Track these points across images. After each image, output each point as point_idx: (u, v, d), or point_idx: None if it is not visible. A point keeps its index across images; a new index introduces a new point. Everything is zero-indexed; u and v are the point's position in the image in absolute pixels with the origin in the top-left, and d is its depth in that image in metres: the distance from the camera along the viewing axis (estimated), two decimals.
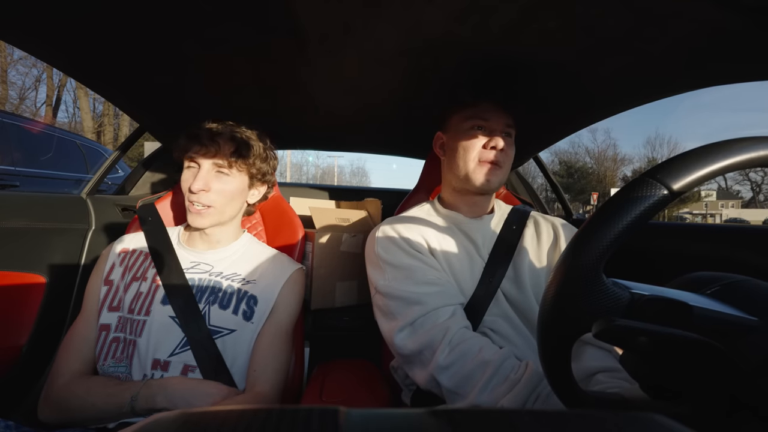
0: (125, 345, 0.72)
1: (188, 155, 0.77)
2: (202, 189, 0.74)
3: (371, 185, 46.16)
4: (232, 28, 0.63)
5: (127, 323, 0.73)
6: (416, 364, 0.65)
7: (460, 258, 0.75)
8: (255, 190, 0.86)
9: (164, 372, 0.69)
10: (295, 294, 0.83)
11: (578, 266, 0.31)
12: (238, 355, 0.74)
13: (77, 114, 14.30)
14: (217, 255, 0.82)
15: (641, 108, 0.82)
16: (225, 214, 0.80)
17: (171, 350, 0.71)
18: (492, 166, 0.75)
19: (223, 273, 0.80)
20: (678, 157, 0.32)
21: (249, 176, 0.82)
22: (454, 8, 0.55)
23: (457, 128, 0.79)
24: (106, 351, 0.72)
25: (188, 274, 0.77)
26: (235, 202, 0.81)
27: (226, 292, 0.77)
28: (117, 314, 0.74)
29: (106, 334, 0.73)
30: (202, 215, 0.77)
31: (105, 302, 0.75)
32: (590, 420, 0.17)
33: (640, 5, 0.52)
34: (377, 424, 0.16)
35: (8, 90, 11.89)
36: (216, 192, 0.77)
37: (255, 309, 0.77)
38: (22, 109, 12.84)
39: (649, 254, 0.97)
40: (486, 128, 0.76)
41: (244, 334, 0.75)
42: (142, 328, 0.71)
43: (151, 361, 0.70)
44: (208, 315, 0.74)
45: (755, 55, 0.56)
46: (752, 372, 0.30)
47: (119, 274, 0.78)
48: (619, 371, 0.60)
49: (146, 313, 0.73)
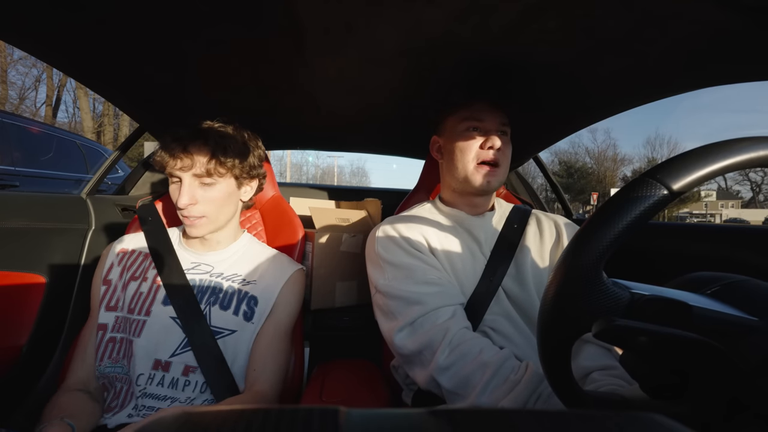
0: (121, 345, 0.72)
1: (167, 171, 0.74)
2: (188, 203, 0.72)
3: (371, 185, 46.21)
4: (231, 28, 0.63)
5: (125, 323, 0.73)
6: (416, 365, 0.65)
7: (461, 255, 0.75)
8: (246, 187, 0.83)
9: (165, 372, 0.69)
10: (295, 294, 0.83)
11: (578, 266, 0.31)
12: (238, 355, 0.74)
13: (77, 114, 14.30)
14: (218, 256, 0.82)
15: (641, 108, 0.82)
16: (219, 220, 0.79)
17: (172, 351, 0.71)
18: (490, 167, 0.75)
19: (224, 274, 0.80)
20: (678, 157, 0.32)
21: (234, 177, 0.78)
22: (454, 8, 0.55)
23: (452, 130, 0.79)
24: (102, 351, 0.72)
25: (189, 275, 0.77)
26: (227, 207, 0.79)
27: (226, 293, 0.77)
28: (114, 314, 0.74)
29: (103, 334, 0.73)
30: (197, 226, 0.75)
31: (103, 301, 0.75)
32: (590, 420, 0.17)
33: (640, 6, 0.52)
34: (377, 424, 0.16)
35: (8, 90, 11.89)
36: (204, 202, 0.74)
37: (255, 309, 0.77)
38: (22, 109, 12.84)
39: (649, 254, 0.97)
40: (481, 128, 0.75)
41: (244, 334, 0.75)
42: (141, 328, 0.71)
43: (153, 361, 0.70)
44: (209, 316, 0.74)
45: (755, 55, 0.56)
46: (752, 372, 0.30)
47: (117, 273, 0.78)
48: (613, 369, 0.60)
49: (146, 314, 0.73)
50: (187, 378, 0.70)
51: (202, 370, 0.70)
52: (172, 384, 0.69)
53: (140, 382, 0.69)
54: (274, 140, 1.32)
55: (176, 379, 0.70)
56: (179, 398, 0.69)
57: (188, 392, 0.70)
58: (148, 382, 0.69)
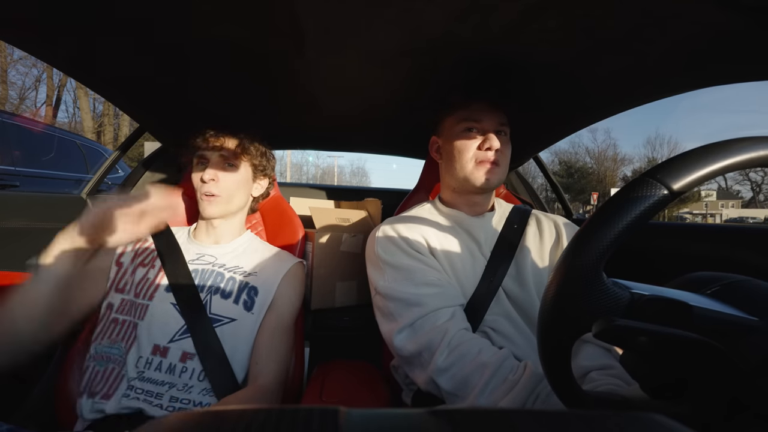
0: (122, 327, 0.74)
1: (198, 153, 0.85)
2: (212, 178, 0.81)
3: (371, 185, 46.16)
4: (231, 28, 0.63)
5: (130, 306, 0.75)
6: (416, 366, 0.64)
7: (461, 256, 0.75)
8: (258, 183, 0.93)
9: (162, 358, 0.71)
10: (295, 287, 0.86)
11: (578, 266, 0.31)
12: (237, 346, 0.75)
13: (77, 114, 14.30)
14: (221, 249, 0.86)
15: (641, 108, 0.82)
16: (232, 203, 0.86)
17: (171, 336, 0.72)
18: (490, 165, 0.75)
19: (226, 265, 0.83)
20: (678, 157, 0.32)
21: (252, 168, 0.89)
22: (454, 8, 0.55)
23: (451, 131, 0.78)
24: (104, 330, 0.74)
25: (192, 265, 0.81)
26: (241, 193, 0.87)
27: (227, 283, 0.80)
28: (121, 296, 0.77)
29: (108, 314, 0.76)
30: (212, 203, 0.82)
31: (114, 283, 0.79)
32: (590, 420, 0.17)
33: (640, 6, 0.52)
34: (377, 424, 0.16)
35: (8, 90, 11.89)
36: (224, 180, 0.83)
37: (255, 300, 0.80)
38: (22, 109, 12.83)
39: (649, 254, 0.97)
40: (479, 129, 0.75)
41: (244, 324, 0.77)
42: (144, 312, 0.74)
43: (152, 346, 0.71)
44: (210, 304, 0.77)
45: (755, 55, 0.56)
46: (752, 372, 0.30)
47: (129, 257, 0.82)
48: (611, 368, 0.60)
49: (149, 298, 0.76)
50: (185, 364, 0.71)
51: (200, 357, 0.71)
52: (169, 369, 0.70)
53: (139, 365, 0.70)
54: (274, 140, 1.31)
55: (174, 365, 0.71)
56: (177, 384, 0.70)
57: (185, 378, 0.71)
58: (146, 366, 0.70)
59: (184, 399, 0.69)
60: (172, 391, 0.69)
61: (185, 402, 0.69)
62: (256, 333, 0.78)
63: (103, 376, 0.71)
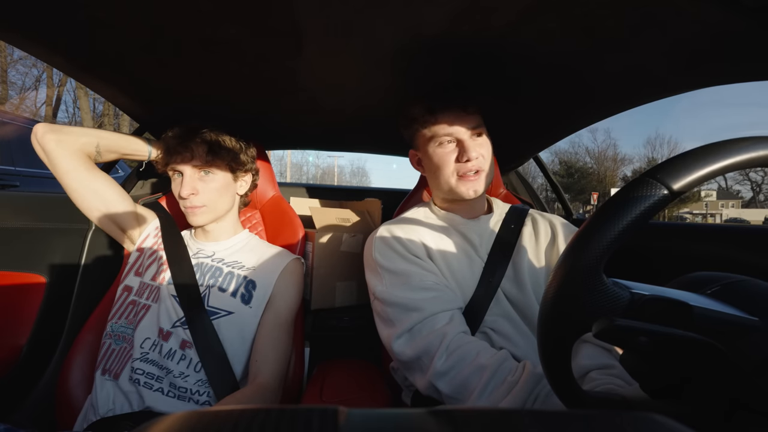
0: (138, 309, 0.77)
1: (170, 167, 0.84)
2: (190, 193, 0.81)
3: (371, 185, 46.17)
4: (231, 28, 0.63)
5: (147, 289, 0.80)
6: (415, 371, 0.64)
7: (458, 259, 0.75)
8: (241, 181, 0.92)
9: (164, 342, 0.73)
10: (292, 283, 0.86)
11: (578, 266, 0.31)
12: (235, 338, 0.76)
13: (77, 114, 14.31)
14: (220, 246, 0.89)
15: (641, 108, 0.82)
16: (219, 209, 0.86)
17: (173, 322, 0.75)
18: (473, 176, 0.74)
19: (225, 260, 0.85)
20: (678, 156, 0.32)
21: (230, 170, 0.88)
22: (454, 7, 0.55)
23: (426, 146, 0.77)
24: (121, 311, 0.78)
25: (192, 260, 0.84)
26: (224, 197, 0.87)
27: (226, 276, 0.82)
28: (140, 279, 0.82)
29: (127, 295, 0.80)
30: (197, 214, 0.83)
31: (133, 266, 0.84)
32: (590, 420, 0.17)
33: (640, 6, 0.52)
34: (377, 424, 0.16)
35: (8, 90, 11.89)
36: (204, 192, 0.83)
37: (253, 293, 0.81)
38: (22, 109, 12.83)
39: (649, 254, 0.97)
40: (453, 138, 0.74)
41: (241, 317, 0.78)
42: (157, 296, 0.77)
43: (158, 329, 0.74)
44: (208, 296, 0.79)
45: (756, 54, 0.56)
46: (752, 372, 0.30)
47: (150, 244, 0.86)
48: (611, 368, 0.60)
49: (161, 282, 0.80)
50: (184, 352, 0.73)
51: (197, 348, 0.73)
52: (168, 355, 0.72)
53: (144, 346, 0.73)
54: (274, 140, 1.32)
55: (173, 350, 0.73)
56: (173, 371, 0.71)
57: (182, 367, 0.72)
58: (151, 348, 0.73)
59: (181, 387, 0.70)
60: (170, 377, 0.71)
61: (182, 390, 0.70)
62: (256, 330, 0.79)
63: (117, 355, 0.74)
